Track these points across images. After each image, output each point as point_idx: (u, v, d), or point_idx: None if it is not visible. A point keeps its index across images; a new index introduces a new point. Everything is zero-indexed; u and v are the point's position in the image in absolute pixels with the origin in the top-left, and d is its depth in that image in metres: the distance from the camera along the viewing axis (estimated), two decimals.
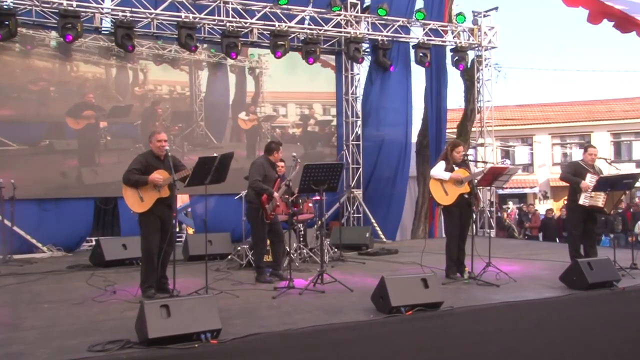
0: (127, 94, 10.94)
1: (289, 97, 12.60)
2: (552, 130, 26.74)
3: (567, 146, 27.33)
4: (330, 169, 6.02)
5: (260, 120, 12.09)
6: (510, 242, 11.71)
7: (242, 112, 11.93)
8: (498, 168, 6.35)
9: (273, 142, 6.86)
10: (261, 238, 6.63)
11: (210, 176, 5.51)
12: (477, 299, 5.31)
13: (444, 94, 12.97)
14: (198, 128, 11.46)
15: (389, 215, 12.19)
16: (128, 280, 6.61)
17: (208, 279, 5.67)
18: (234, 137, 11.89)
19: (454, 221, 6.62)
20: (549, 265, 7.55)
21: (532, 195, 26.81)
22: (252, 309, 5.12)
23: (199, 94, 11.54)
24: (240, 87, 11.99)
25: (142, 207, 5.61)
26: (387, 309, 4.76)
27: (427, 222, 13.62)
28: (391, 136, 12.46)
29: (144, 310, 3.94)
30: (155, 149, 5.73)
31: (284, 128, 12.44)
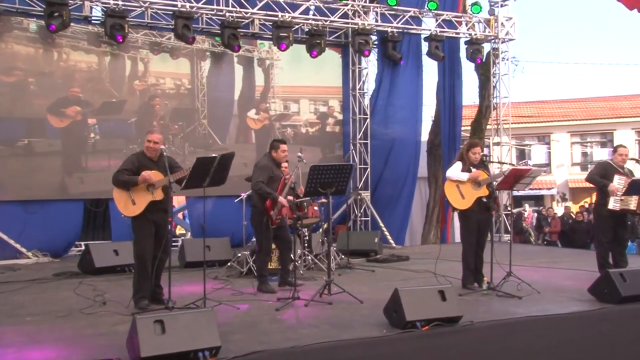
0: (123, 87, 10.47)
1: (303, 92, 12.16)
2: (571, 128, 26.51)
3: (588, 145, 27.10)
4: (338, 171, 5.88)
5: (272, 119, 11.66)
6: (528, 249, 11.53)
7: (252, 109, 11.50)
8: (520, 170, 6.19)
9: (275, 139, 6.72)
10: (265, 245, 6.49)
11: (209, 178, 5.38)
12: (498, 313, 5.16)
13: (458, 89, 12.84)
14: (200, 127, 11.05)
15: (398, 219, 12.05)
16: (119, 290, 6.49)
17: (206, 288, 5.53)
18: (241, 137, 11.47)
19: (471, 227, 6.48)
20: (573, 274, 7.40)
21: (549, 198, 26.62)
22: (254, 323, 4.98)
23: (202, 89, 11.10)
24: (247, 81, 11.50)
25: (134, 210, 5.48)
26: (401, 323, 4.62)
27: (439, 227, 13.50)
28: (401, 135, 12.33)
29: (136, 326, 3.81)
30: (145, 150, 5.61)
31: (296, 127, 12.00)
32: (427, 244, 13.12)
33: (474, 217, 6.44)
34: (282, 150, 6.47)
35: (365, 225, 12.10)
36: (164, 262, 5.71)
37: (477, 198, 6.36)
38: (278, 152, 6.48)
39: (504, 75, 12.87)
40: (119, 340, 4.14)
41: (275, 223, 6.34)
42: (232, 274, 7.65)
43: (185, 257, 8.35)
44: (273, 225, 6.36)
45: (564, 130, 26.51)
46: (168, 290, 5.35)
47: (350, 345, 4.31)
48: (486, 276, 6.36)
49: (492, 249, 6.14)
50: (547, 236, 14.65)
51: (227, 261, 8.10)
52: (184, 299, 5.72)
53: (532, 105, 27.71)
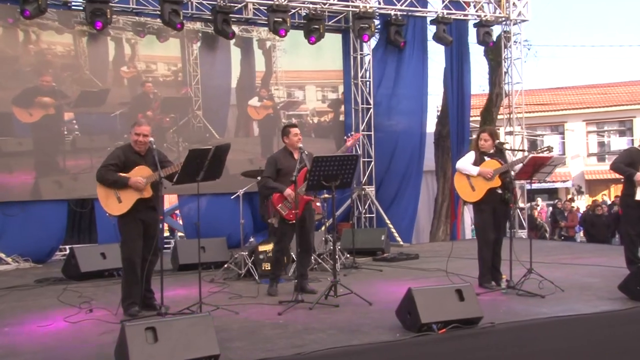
0: (107, 75, 9.86)
1: (309, 78, 11.57)
2: (587, 117, 26.39)
3: (605, 134, 26.97)
4: (343, 162, 5.72)
5: (278, 107, 11.12)
6: (546, 244, 11.42)
7: (254, 97, 10.96)
8: (540, 157, 6.04)
9: (285, 125, 6.53)
10: (279, 241, 6.34)
11: (203, 172, 5.23)
12: (520, 313, 5.02)
13: (466, 76, 12.70)
14: (194, 119, 10.54)
15: (405, 215, 11.93)
16: (108, 296, 6.36)
17: (202, 292, 5.42)
18: (241, 130, 10.97)
19: (486, 221, 6.34)
20: (599, 271, 7.26)
21: (564, 190, 26.51)
22: (254, 329, 4.85)
23: (194, 75, 10.55)
24: (246, 66, 10.97)
25: (120, 208, 5.33)
26: (415, 326, 4.48)
27: (448, 223, 13.38)
28: (406, 126, 12.20)
29: (126, 334, 3.67)
30: (134, 144, 5.46)
31: (302, 117, 11.49)
32: (436, 241, 13.02)
33: (488, 210, 6.30)
34: (294, 134, 6.28)
35: (370, 223, 11.97)
36: (154, 264, 5.58)
37: (488, 189, 6.22)
38: (290, 137, 6.29)
39: (516, 59, 12.72)
40: (107, 351, 4.01)
41: (289, 218, 6.16)
42: (229, 276, 7.52)
43: (179, 259, 8.22)
44: (288, 220, 6.18)
45: (579, 118, 26.39)
46: (160, 294, 5.22)
47: (361, 351, 4.18)
48: (505, 274, 6.22)
49: (510, 245, 6.00)
50: (564, 231, 14.55)
51: (223, 263, 7.97)
52: (177, 304, 5.59)
53: (545, 92, 27.51)
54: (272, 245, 7.40)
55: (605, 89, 27.64)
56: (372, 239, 9.74)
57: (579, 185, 26.37)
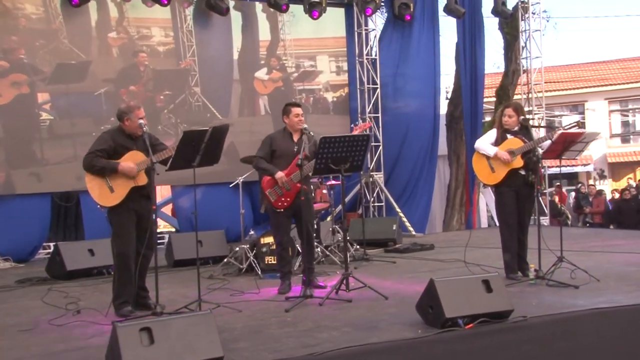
0: (90, 44, 9.02)
1: (323, 46, 10.95)
2: (609, 94, 26.06)
3: (630, 113, 26.68)
4: (353, 143, 5.54)
5: (291, 78, 10.54)
6: (572, 232, 11.24)
7: (262, 69, 10.35)
8: (570, 134, 5.85)
9: (286, 103, 6.28)
10: (276, 233, 6.17)
11: (200, 157, 5.07)
12: (553, 306, 4.84)
13: (480, 51, 12.56)
14: (192, 97, 9.91)
15: (419, 204, 11.78)
16: (97, 295, 6.20)
17: (201, 289, 5.27)
18: (247, 108, 10.34)
19: (509, 206, 6.16)
20: (635, 259, 7.09)
21: (584, 175, 26.29)
22: (260, 327, 4.69)
23: (189, 46, 9.92)
24: (249, 34, 10.38)
25: (114, 199, 5.16)
26: (439, 321, 4.31)
27: (463, 211, 13.23)
28: (417, 108, 12.07)
29: (118, 336, 3.50)
30: (134, 128, 5.26)
31: (314, 92, 10.93)
32: (450, 230, 12.88)
33: (510, 193, 6.13)
34: (294, 115, 6.05)
35: (379, 212, 11.82)
36: (148, 259, 5.43)
37: (510, 170, 6.04)
38: (290, 117, 6.07)
39: (534, 31, 12.51)
40: (97, 355, 3.86)
41: (278, 205, 5.97)
42: (229, 271, 7.40)
43: (174, 254, 8.08)
44: (277, 208, 5.99)
45: (601, 97, 26.09)
46: (155, 293, 5.05)
47: (380, 350, 4.01)
48: (532, 263, 6.04)
49: (538, 232, 5.83)
50: (589, 217, 14.38)
51: (222, 257, 7.83)
52: (174, 303, 5.46)
53: (562, 69, 27.17)
54: None
55: (628, 63, 27.27)
56: (382, 229, 9.61)
57: (601, 169, 26.14)
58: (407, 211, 11.48)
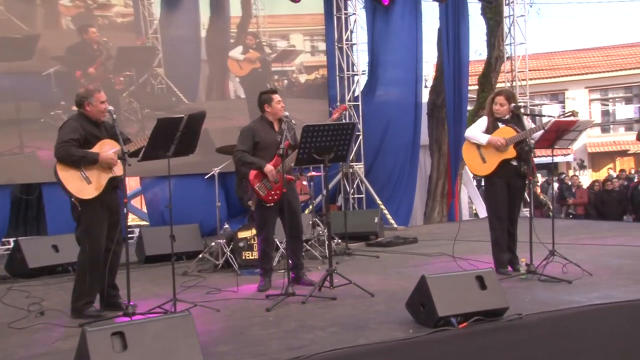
0: (35, 15, 8.10)
1: (298, 23, 10.59)
2: (589, 83, 26.32)
3: (610, 102, 26.98)
4: (337, 131, 5.39)
5: (269, 58, 10.14)
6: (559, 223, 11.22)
7: (238, 47, 9.86)
8: (564, 122, 5.78)
9: (262, 92, 6.09)
10: (261, 228, 5.98)
11: (175, 146, 4.88)
12: (548, 302, 4.76)
13: (464, 38, 12.49)
14: (154, 79, 9.33)
15: (401, 196, 11.68)
16: (61, 295, 5.97)
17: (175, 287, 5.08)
18: (216, 92, 9.85)
19: (499, 197, 6.07)
20: (626, 251, 7.08)
21: (565, 165, 26.55)
22: (241, 328, 4.53)
23: (151, 22, 9.27)
24: (218, 9, 9.83)
25: (92, 191, 4.93)
26: (431, 320, 4.19)
27: (444, 203, 13.18)
28: (397, 96, 11.97)
29: (87, 342, 3.30)
30: (96, 113, 5.05)
31: (288, 73, 10.47)
32: (431, 223, 12.81)
33: (501, 184, 6.04)
34: (277, 102, 5.87)
35: (359, 204, 11.70)
36: (119, 255, 5.26)
37: (501, 161, 5.96)
38: (273, 105, 5.88)
39: (519, 17, 12.47)
40: None
41: (268, 200, 5.80)
42: (204, 268, 7.22)
43: (145, 250, 7.87)
44: (267, 202, 5.82)
45: (581, 85, 26.33)
46: (127, 291, 4.85)
47: (370, 352, 3.88)
48: (523, 257, 5.97)
49: (530, 224, 5.76)
50: (572, 209, 14.47)
51: (197, 253, 7.63)
52: (146, 303, 5.27)
53: (543, 57, 27.33)
54: (252, 231, 7.12)
55: (608, 51, 27.56)
56: (363, 221, 9.51)
57: (581, 159, 26.41)
58: (390, 204, 11.38)
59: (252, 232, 7.11)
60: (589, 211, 13.97)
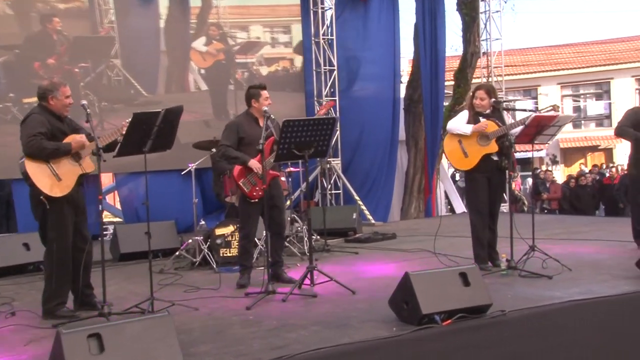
0: None
1: (261, 14, 10.33)
2: (561, 79, 26.57)
3: (581, 98, 27.28)
4: (318, 127, 5.29)
5: (233, 50, 9.92)
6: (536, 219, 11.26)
7: (200, 38, 9.60)
8: (544, 117, 5.76)
9: (251, 86, 5.97)
10: (244, 224, 5.87)
11: (152, 141, 4.75)
12: (530, 298, 4.73)
13: (441, 33, 12.42)
14: (111, 71, 8.98)
15: (381, 192, 11.63)
16: (33, 294, 5.79)
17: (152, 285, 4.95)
18: (176, 84, 9.54)
19: (480, 193, 6.04)
20: (603, 246, 7.12)
21: (537, 160, 26.79)
22: (221, 327, 4.42)
23: (106, 10, 8.86)
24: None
25: (62, 188, 4.77)
26: (415, 318, 4.14)
27: (421, 198, 13.16)
28: (375, 92, 11.88)
29: (62, 345, 3.18)
30: (60, 107, 4.90)
31: (248, 66, 10.18)
32: (408, 218, 12.78)
33: (482, 179, 6.01)
34: (265, 98, 5.78)
35: (336, 200, 11.62)
36: (91, 253, 5.10)
37: (483, 155, 5.93)
38: (261, 101, 5.78)
39: (494, 12, 12.49)
40: None
41: (253, 195, 5.69)
42: (181, 265, 7.09)
43: (119, 247, 7.70)
44: (251, 198, 5.71)
45: (554, 81, 26.56)
46: (102, 290, 4.71)
47: (354, 351, 3.81)
48: (504, 253, 5.96)
49: (511, 219, 5.75)
50: (546, 203, 14.56)
51: (173, 250, 7.49)
52: (122, 301, 5.17)
53: (515, 53, 27.54)
54: (230, 228, 7.01)
55: (580, 47, 27.86)
56: (342, 218, 9.43)
57: (554, 154, 26.68)
58: (369, 200, 11.32)
59: (230, 229, 7.01)
60: (564, 206, 14.07)
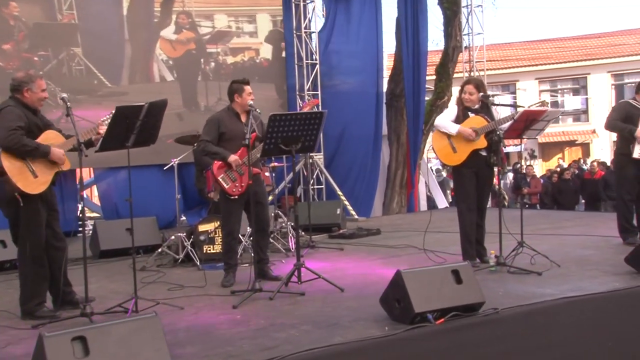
0: None
1: (223, 3, 10.05)
2: (539, 74, 26.73)
3: (559, 92, 27.48)
4: (305, 121, 5.18)
5: (203, 39, 9.65)
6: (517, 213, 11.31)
7: (169, 26, 9.23)
8: (533, 112, 5.72)
9: (234, 80, 5.82)
10: (227, 221, 5.73)
11: (135, 135, 4.59)
12: (521, 296, 4.67)
13: (423, 27, 12.31)
14: (72, 60, 8.56)
15: (362, 187, 11.54)
16: (10, 294, 5.56)
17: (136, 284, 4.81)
18: (140, 75, 9.16)
19: (468, 188, 5.97)
20: (590, 241, 7.09)
21: (516, 155, 26.90)
22: (208, 327, 4.29)
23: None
24: None
25: (38, 186, 4.58)
26: (408, 317, 4.05)
27: (403, 193, 13.10)
28: (358, 86, 11.78)
29: (45, 349, 3.04)
30: (35, 101, 4.71)
31: (214, 55, 9.81)
32: (390, 213, 12.71)
33: (470, 174, 5.94)
34: (247, 93, 5.63)
35: (318, 195, 11.52)
36: (64, 251, 4.95)
37: (472, 151, 5.86)
38: (244, 96, 5.64)
39: (476, 7, 12.46)
40: None
41: (232, 192, 5.55)
42: (164, 262, 6.90)
43: (99, 244, 7.50)
44: (231, 195, 5.58)
45: (531, 76, 26.71)
46: (84, 289, 4.55)
47: (347, 352, 3.71)
48: (493, 249, 5.90)
49: (500, 215, 5.68)
50: (527, 198, 14.60)
51: (154, 247, 7.33)
52: (104, 300, 5.04)
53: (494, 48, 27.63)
54: (214, 224, 6.87)
55: (557, 43, 28.06)
56: (325, 213, 9.32)
57: (532, 149, 26.82)
58: (352, 195, 11.21)
59: (214, 225, 6.87)
60: (545, 200, 14.12)
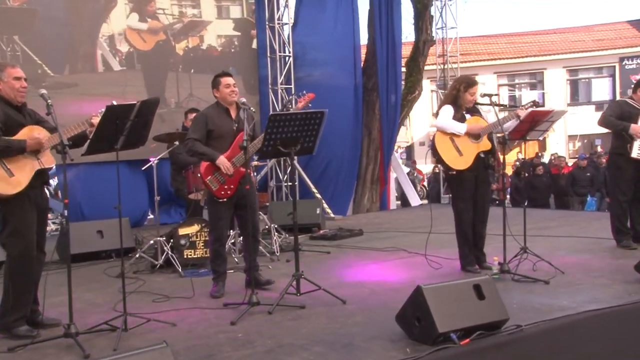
0: None
1: None
2: (497, 68, 26.91)
3: (516, 87, 27.71)
4: (306, 121, 4.82)
5: (173, 29, 9.16)
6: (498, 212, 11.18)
7: (133, 14, 8.67)
8: (539, 112, 5.50)
9: (217, 75, 5.35)
10: (215, 226, 5.30)
11: (124, 137, 4.15)
12: (539, 309, 4.40)
13: (397, 19, 12.05)
14: (7, 45, 7.89)
15: (338, 184, 11.22)
16: None
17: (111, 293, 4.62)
18: (82, 63, 8.57)
19: (469, 191, 5.70)
20: (582, 244, 6.88)
21: None
22: (209, 349, 3.86)
23: None
24: None
25: (15, 185, 4.09)
26: (430, 337, 3.73)
27: (376, 189, 12.83)
28: (333, 79, 11.40)
29: None
30: (10, 92, 4.21)
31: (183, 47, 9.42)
32: (361, 210, 12.43)
33: (471, 177, 5.67)
34: (224, 86, 5.20)
35: (291, 193, 11.12)
36: (43, 262, 4.50)
37: (478, 153, 5.61)
38: (220, 89, 5.22)
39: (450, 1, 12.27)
40: None
41: (221, 195, 5.13)
42: (141, 268, 6.39)
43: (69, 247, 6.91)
44: (219, 198, 5.14)
45: (490, 70, 26.85)
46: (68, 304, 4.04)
47: None
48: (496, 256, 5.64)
49: (504, 218, 5.45)
50: (495, 194, 14.48)
51: (127, 250, 6.81)
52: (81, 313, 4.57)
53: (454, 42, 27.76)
54: (195, 227, 6.44)
55: (515, 38, 28.27)
56: (304, 213, 8.76)
57: None
58: (327, 192, 10.87)
59: (195, 228, 6.42)
60: (515, 197, 14.05)
